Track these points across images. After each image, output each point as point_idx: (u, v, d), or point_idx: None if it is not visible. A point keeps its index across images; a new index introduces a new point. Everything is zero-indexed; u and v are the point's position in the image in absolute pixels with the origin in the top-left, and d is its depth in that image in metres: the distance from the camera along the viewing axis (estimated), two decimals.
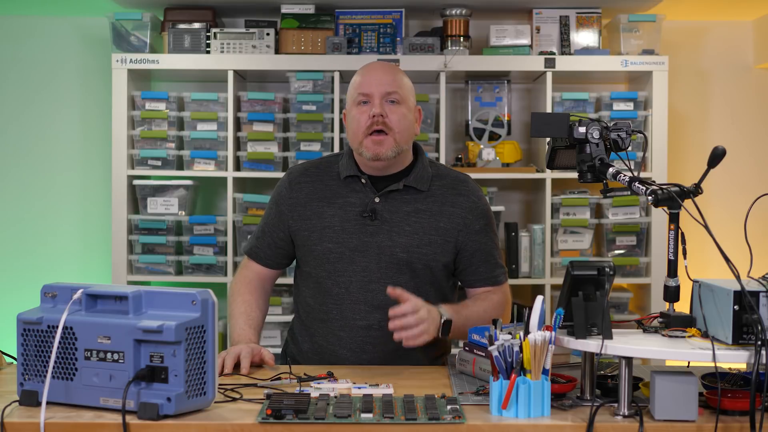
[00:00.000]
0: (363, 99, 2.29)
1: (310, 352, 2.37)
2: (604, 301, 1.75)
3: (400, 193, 2.33)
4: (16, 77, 4.02)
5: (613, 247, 3.67)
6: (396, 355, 2.28)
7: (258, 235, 2.45)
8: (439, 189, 2.35)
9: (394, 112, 2.28)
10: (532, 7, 3.71)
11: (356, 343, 2.30)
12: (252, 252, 2.46)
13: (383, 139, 2.27)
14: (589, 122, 1.97)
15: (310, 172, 2.40)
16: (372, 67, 2.37)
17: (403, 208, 2.32)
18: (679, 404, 1.67)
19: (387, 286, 2.16)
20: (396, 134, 2.28)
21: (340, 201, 2.34)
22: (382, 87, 2.29)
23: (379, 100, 2.27)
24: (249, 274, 2.45)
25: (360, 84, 2.32)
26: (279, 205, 2.40)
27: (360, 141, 2.29)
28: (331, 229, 2.32)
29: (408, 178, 2.34)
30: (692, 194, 1.82)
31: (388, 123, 2.27)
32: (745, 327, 1.67)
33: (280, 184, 2.43)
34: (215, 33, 3.61)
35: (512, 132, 3.83)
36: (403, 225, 2.30)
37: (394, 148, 2.28)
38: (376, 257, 2.30)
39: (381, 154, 2.27)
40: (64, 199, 4.02)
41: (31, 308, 1.81)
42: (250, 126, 3.67)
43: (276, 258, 2.44)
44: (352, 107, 2.33)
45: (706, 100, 4.05)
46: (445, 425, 1.66)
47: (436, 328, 2.14)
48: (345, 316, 2.30)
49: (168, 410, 1.67)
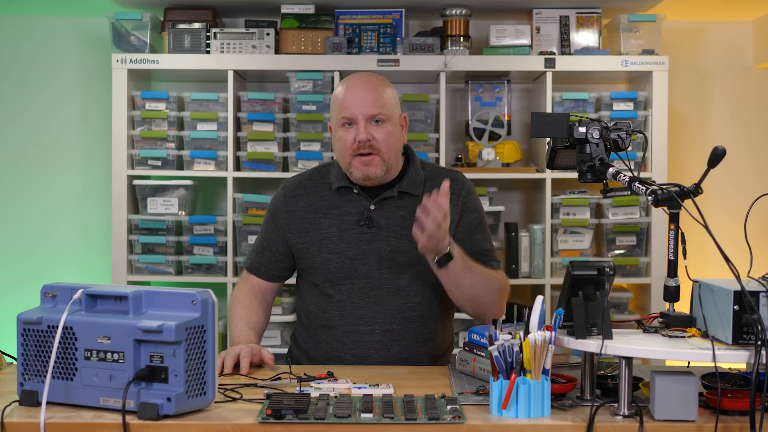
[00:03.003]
0: (347, 122, 2.28)
1: (315, 358, 2.37)
2: (604, 301, 1.75)
3: (395, 199, 2.34)
4: (16, 77, 4.02)
5: (613, 247, 3.67)
6: (399, 359, 2.29)
7: (257, 250, 2.46)
8: (431, 188, 2.34)
9: (379, 132, 2.27)
10: (532, 7, 3.70)
11: (360, 349, 2.30)
12: (252, 267, 2.46)
13: (371, 159, 2.27)
14: (589, 122, 1.97)
15: (305, 185, 2.42)
16: (352, 84, 2.32)
17: (398, 212, 2.33)
18: (679, 404, 1.67)
19: (390, 288, 2.20)
20: (384, 154, 2.28)
21: (336, 211, 2.35)
22: (365, 109, 2.26)
23: (363, 124, 2.26)
24: (249, 286, 2.45)
25: (342, 106, 2.29)
26: (276, 219, 2.42)
27: (348, 162, 2.29)
28: (330, 240, 2.33)
29: (401, 183, 2.35)
30: (692, 194, 1.82)
31: (374, 145, 2.27)
32: (745, 327, 1.67)
33: (276, 198, 2.44)
34: (215, 33, 3.61)
35: (512, 132, 3.83)
36: (400, 229, 2.31)
37: (383, 167, 2.29)
38: (376, 264, 2.31)
39: (371, 174, 2.28)
40: (64, 199, 4.02)
41: (31, 308, 1.81)
42: (250, 126, 3.67)
43: (276, 271, 2.45)
44: (337, 128, 2.31)
45: (706, 100, 4.05)
46: (445, 425, 1.66)
47: (440, 248, 2.12)
48: (348, 323, 2.31)
49: (168, 410, 1.67)
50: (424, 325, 2.33)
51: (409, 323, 2.31)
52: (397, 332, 2.30)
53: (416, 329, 2.32)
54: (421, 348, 2.33)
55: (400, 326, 2.30)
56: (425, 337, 2.34)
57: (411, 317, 2.31)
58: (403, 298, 2.31)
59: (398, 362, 2.29)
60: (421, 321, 2.32)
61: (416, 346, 2.32)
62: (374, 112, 2.27)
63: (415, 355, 2.32)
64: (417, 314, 2.32)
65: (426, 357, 2.35)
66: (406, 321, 2.30)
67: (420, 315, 2.32)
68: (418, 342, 2.33)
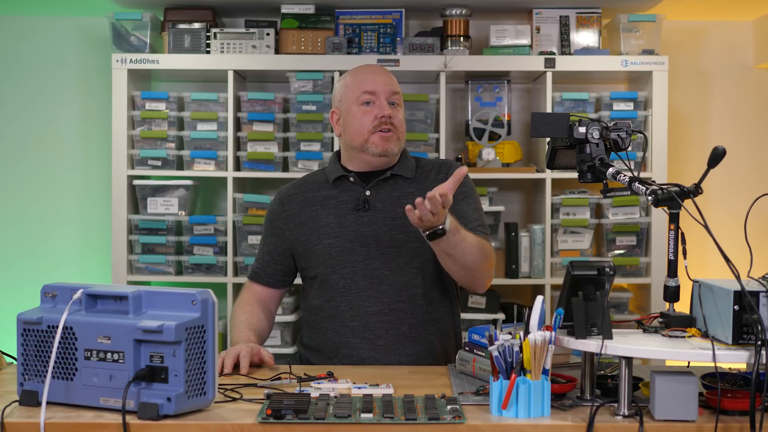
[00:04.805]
0: (368, 98, 2.37)
1: (324, 350, 2.38)
2: (604, 301, 1.75)
3: (388, 181, 2.40)
4: (16, 77, 4.02)
5: (613, 247, 3.67)
6: (408, 337, 2.33)
7: (258, 258, 2.51)
8: (423, 173, 2.44)
9: (396, 114, 2.38)
10: (532, 7, 3.70)
11: (369, 330, 2.32)
12: (254, 274, 2.50)
13: (390, 135, 2.36)
14: (589, 122, 1.97)
15: (299, 185, 2.49)
16: (371, 68, 2.46)
17: (393, 194, 2.39)
18: (679, 404, 1.67)
19: (392, 266, 2.27)
20: (399, 134, 2.39)
21: (332, 201, 2.41)
22: (387, 87, 2.38)
23: (384, 100, 2.37)
24: (251, 294, 2.48)
25: (362, 82, 2.39)
26: (273, 222, 2.46)
27: (366, 138, 2.36)
28: (329, 227, 2.38)
29: (394, 168, 2.42)
30: (692, 194, 1.82)
31: (394, 122, 2.37)
32: (745, 327, 1.67)
33: (272, 204, 2.50)
34: (215, 33, 3.61)
35: (512, 132, 3.83)
36: (395, 208, 2.36)
37: (399, 145, 2.39)
38: (375, 245, 2.34)
39: (389, 150, 2.36)
40: (64, 199, 4.02)
41: (31, 308, 1.81)
42: (250, 126, 3.67)
43: (277, 276, 2.47)
44: (354, 106, 2.38)
45: (706, 100, 4.04)
46: (445, 425, 1.66)
47: (433, 225, 2.09)
48: (354, 306, 2.33)
49: (168, 410, 1.67)
50: (429, 303, 2.36)
51: (415, 300, 2.34)
52: (404, 310, 2.33)
53: (422, 307, 2.35)
54: (430, 327, 2.36)
55: (407, 304, 2.33)
56: (432, 316, 2.37)
57: (416, 294, 2.34)
58: (406, 275, 2.34)
59: (408, 341, 2.32)
60: (426, 299, 2.36)
61: (424, 324, 2.35)
62: (395, 90, 2.40)
63: (424, 333, 2.35)
64: (421, 291, 2.35)
65: (435, 336, 2.37)
66: (412, 298, 2.34)
67: (424, 292, 2.36)
68: (426, 321, 2.36)
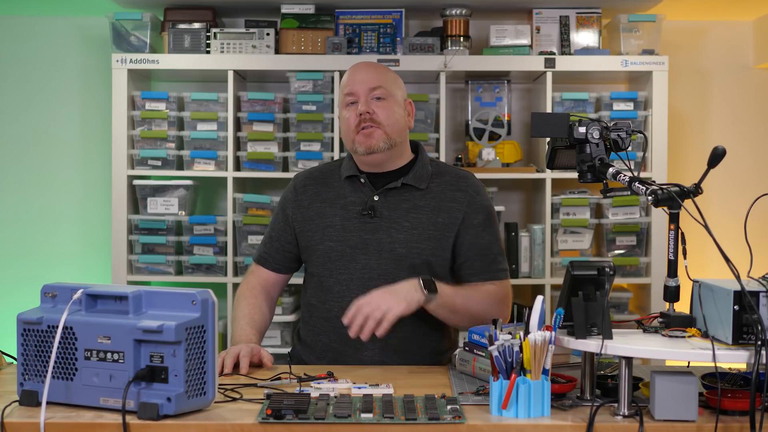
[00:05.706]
0: (350, 100, 2.35)
1: (316, 349, 2.38)
2: (604, 301, 1.75)
3: (399, 190, 2.36)
4: (16, 77, 4.02)
5: (613, 247, 3.67)
6: (398, 350, 2.30)
7: (265, 241, 2.49)
8: (438, 186, 2.38)
9: (380, 108, 2.33)
10: (532, 7, 3.70)
11: (358, 339, 2.29)
12: (260, 258, 2.49)
13: (372, 131, 2.32)
14: (589, 122, 1.97)
15: (315, 176, 2.47)
16: (356, 67, 2.43)
17: (401, 205, 2.35)
18: (679, 404, 1.67)
19: (387, 279, 2.22)
20: (386, 127, 2.33)
21: (341, 201, 2.38)
22: (365, 84, 2.34)
23: (364, 98, 2.33)
24: (255, 280, 2.47)
25: (345, 85, 2.38)
26: (285, 209, 2.46)
27: (352, 139, 2.34)
28: (332, 228, 2.36)
29: (407, 176, 2.37)
30: (692, 194, 1.82)
31: (375, 118, 2.32)
32: (745, 327, 1.67)
33: (287, 190, 2.49)
34: (215, 33, 3.61)
35: (512, 132, 3.83)
36: (402, 221, 2.33)
37: (386, 140, 2.33)
38: (376, 254, 2.32)
39: (373, 146, 2.31)
40: (64, 199, 4.02)
41: (31, 308, 1.81)
42: (250, 126, 3.67)
43: (284, 261, 2.47)
44: (342, 109, 2.39)
45: (706, 100, 4.04)
46: (445, 425, 1.66)
47: (413, 293, 2.14)
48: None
49: (168, 410, 1.67)
50: (421, 320, 2.30)
51: (407, 316, 2.30)
52: (395, 324, 2.28)
53: (414, 321, 2.29)
54: (420, 340, 2.33)
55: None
56: (422, 330, 2.33)
57: None
58: None
59: (396, 354, 2.29)
60: (419, 315, 2.30)
61: (415, 338, 2.32)
62: (374, 85, 2.34)
63: (414, 347, 2.32)
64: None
65: (425, 350, 2.35)
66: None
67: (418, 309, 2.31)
68: (417, 335, 2.33)
